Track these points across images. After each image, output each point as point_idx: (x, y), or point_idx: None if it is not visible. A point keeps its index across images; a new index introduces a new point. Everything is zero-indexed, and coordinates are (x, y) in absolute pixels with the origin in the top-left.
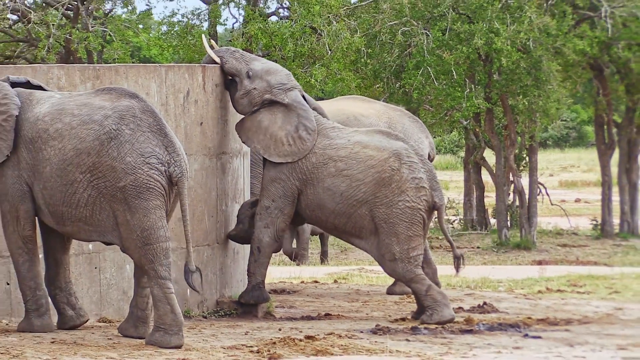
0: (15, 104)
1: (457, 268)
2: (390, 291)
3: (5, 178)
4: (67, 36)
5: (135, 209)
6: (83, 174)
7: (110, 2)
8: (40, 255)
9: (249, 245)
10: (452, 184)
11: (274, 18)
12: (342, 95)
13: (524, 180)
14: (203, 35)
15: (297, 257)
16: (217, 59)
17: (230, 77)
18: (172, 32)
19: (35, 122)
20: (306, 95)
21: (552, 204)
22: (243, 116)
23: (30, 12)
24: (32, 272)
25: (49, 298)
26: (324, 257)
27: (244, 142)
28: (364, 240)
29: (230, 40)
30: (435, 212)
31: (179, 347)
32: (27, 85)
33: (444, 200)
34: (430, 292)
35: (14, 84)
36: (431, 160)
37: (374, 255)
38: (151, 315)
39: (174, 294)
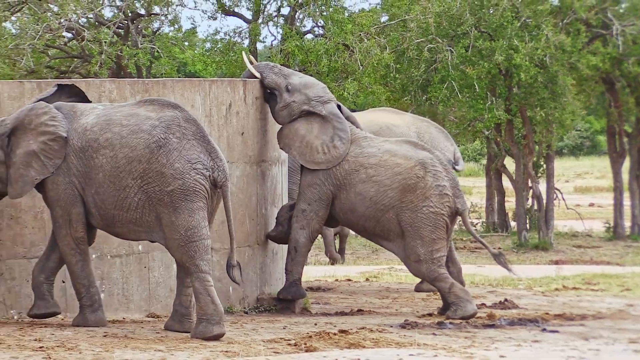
0: (63, 126)
1: (504, 265)
2: (418, 289)
3: (57, 185)
4: (118, 53)
5: (180, 210)
6: (134, 179)
7: (158, 21)
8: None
9: (287, 245)
10: (474, 189)
11: (309, 36)
12: (373, 107)
13: (542, 186)
14: (244, 52)
15: (335, 259)
16: (257, 74)
17: (269, 91)
18: (215, 49)
19: (84, 133)
20: (342, 106)
21: (567, 208)
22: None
23: (84, 30)
24: (85, 271)
25: (37, 285)
26: (340, 253)
27: (281, 148)
28: (391, 242)
29: (269, 57)
30: (459, 217)
31: (221, 335)
32: (58, 94)
33: (466, 205)
34: (453, 289)
35: (49, 99)
36: (457, 165)
37: (400, 257)
38: (194, 311)
39: (214, 287)
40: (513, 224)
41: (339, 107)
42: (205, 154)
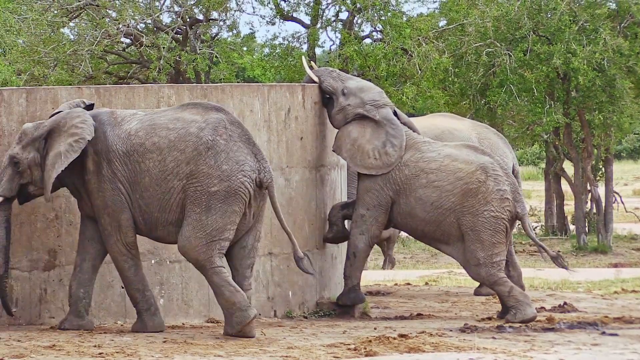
0: (90, 130)
1: (563, 266)
2: (477, 293)
3: (103, 192)
4: (177, 58)
5: (214, 210)
6: (180, 181)
7: (216, 26)
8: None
9: (345, 248)
10: (534, 193)
11: (368, 40)
12: (431, 111)
13: (601, 190)
14: (303, 57)
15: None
16: (316, 78)
17: (327, 95)
18: (274, 54)
19: (128, 138)
20: (398, 111)
21: (626, 211)
22: None
23: (142, 36)
24: (139, 275)
25: (75, 300)
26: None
27: (333, 150)
28: (450, 246)
29: (327, 61)
30: (519, 221)
31: (255, 317)
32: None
33: (526, 210)
34: (513, 293)
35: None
36: (515, 173)
37: (460, 260)
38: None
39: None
40: (572, 227)
41: (395, 112)
42: (251, 155)
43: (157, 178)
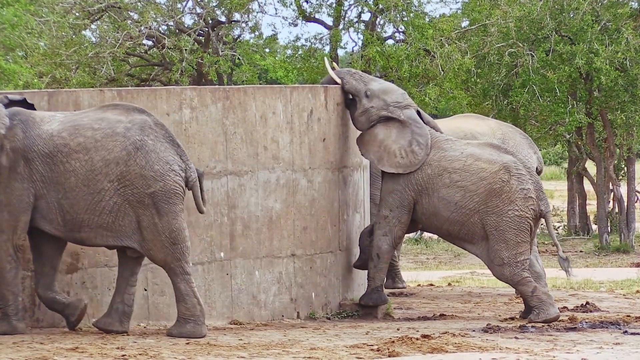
0: (4, 123)
1: (565, 270)
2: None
3: (11, 190)
4: (199, 60)
5: (164, 213)
6: (111, 182)
7: (238, 28)
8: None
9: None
10: (556, 193)
11: (390, 41)
12: (454, 112)
13: (623, 189)
14: (326, 58)
15: None
16: (338, 80)
17: (350, 97)
18: (296, 55)
19: (50, 138)
20: (421, 111)
21: None
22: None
23: (165, 38)
24: (17, 279)
25: (50, 301)
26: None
27: (362, 154)
28: (475, 246)
29: (350, 63)
30: (543, 220)
31: (204, 336)
32: (24, 103)
33: (549, 208)
34: (536, 293)
35: (12, 103)
36: (539, 173)
37: (484, 260)
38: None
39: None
40: (594, 226)
41: (418, 113)
42: (177, 156)
43: (84, 178)
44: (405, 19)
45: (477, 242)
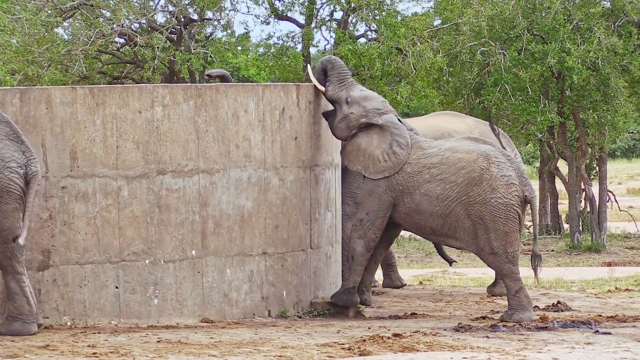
0: None
1: (535, 268)
2: (490, 292)
3: None
4: (171, 58)
5: None
6: None
7: (210, 26)
8: None
9: (340, 249)
10: None
11: (362, 40)
12: (426, 111)
13: (595, 188)
14: (309, 66)
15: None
16: (321, 88)
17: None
18: (268, 53)
19: None
20: (401, 119)
21: (620, 210)
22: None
23: (137, 36)
24: None
25: None
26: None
27: (347, 166)
28: (459, 241)
29: None
30: (528, 206)
31: (34, 334)
32: None
33: (534, 193)
34: (519, 294)
35: None
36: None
37: (473, 250)
38: None
39: (29, 287)
40: (566, 226)
41: (398, 120)
42: (20, 152)
43: None
44: (378, 17)
45: (460, 236)
